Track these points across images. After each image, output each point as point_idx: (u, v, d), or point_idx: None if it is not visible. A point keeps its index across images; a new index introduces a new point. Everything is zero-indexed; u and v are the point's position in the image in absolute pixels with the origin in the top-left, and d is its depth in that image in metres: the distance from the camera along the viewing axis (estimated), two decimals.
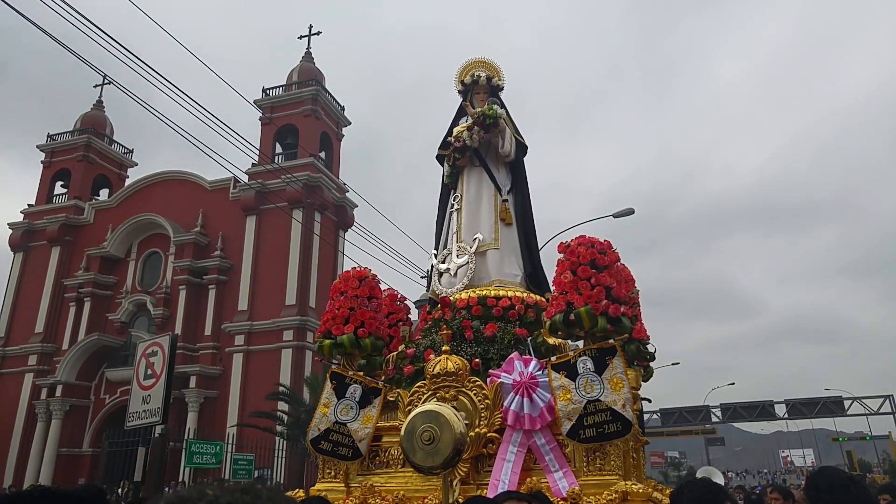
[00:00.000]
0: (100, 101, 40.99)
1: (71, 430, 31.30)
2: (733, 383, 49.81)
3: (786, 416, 39.78)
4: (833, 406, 38.55)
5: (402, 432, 3.12)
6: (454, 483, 4.17)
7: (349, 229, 34.57)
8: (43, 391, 32.12)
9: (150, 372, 10.71)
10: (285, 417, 23.97)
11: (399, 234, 21.04)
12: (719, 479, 17.23)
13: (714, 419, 40.98)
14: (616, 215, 21.25)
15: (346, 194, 36.34)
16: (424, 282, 28.66)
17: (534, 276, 6.34)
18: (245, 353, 31.29)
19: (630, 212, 21.43)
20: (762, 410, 39.63)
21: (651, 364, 5.54)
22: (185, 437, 18.90)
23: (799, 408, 38.92)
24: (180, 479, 22.09)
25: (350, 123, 40.15)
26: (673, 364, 42.45)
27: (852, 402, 38.37)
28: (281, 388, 25.97)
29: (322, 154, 36.61)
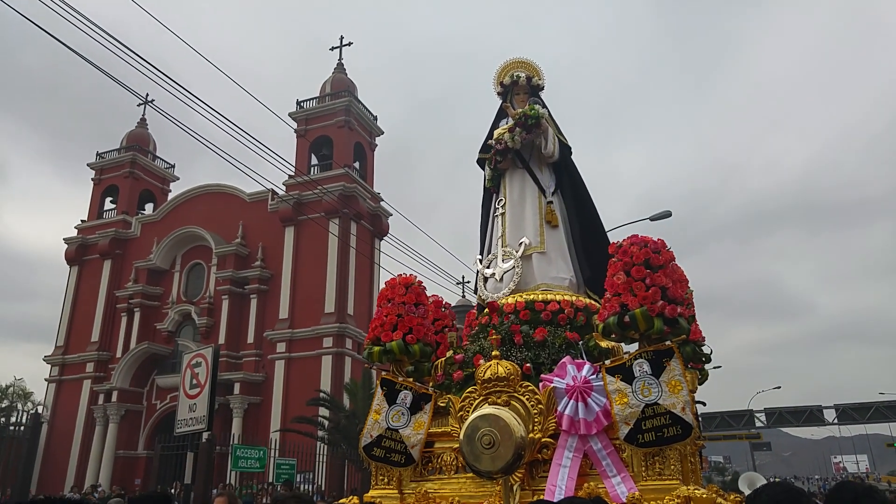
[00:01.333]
0: (143, 119, 42.72)
1: (126, 433, 33.01)
2: (779, 387, 48.39)
3: (835, 421, 38.69)
4: (887, 411, 37.36)
5: (462, 437, 3.08)
6: (514, 488, 4.11)
7: (384, 238, 35.07)
8: (100, 397, 33.91)
9: (195, 382, 11.18)
10: (326, 423, 24.24)
11: (433, 241, 21.18)
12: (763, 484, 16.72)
13: (758, 424, 40.06)
14: (653, 218, 20.99)
15: (381, 203, 36.71)
16: (459, 288, 28.81)
17: (593, 279, 6.19)
18: (286, 360, 32.16)
19: (667, 214, 21.14)
20: (809, 415, 38.66)
21: (706, 366, 5.41)
22: (231, 443, 19.35)
23: (850, 413, 37.84)
24: (227, 482, 22.64)
25: (383, 133, 40.62)
26: (715, 367, 41.51)
27: None
28: (321, 394, 26.37)
29: (356, 164, 37.17)
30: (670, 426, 3.98)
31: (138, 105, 41.71)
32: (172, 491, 20.65)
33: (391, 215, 36.49)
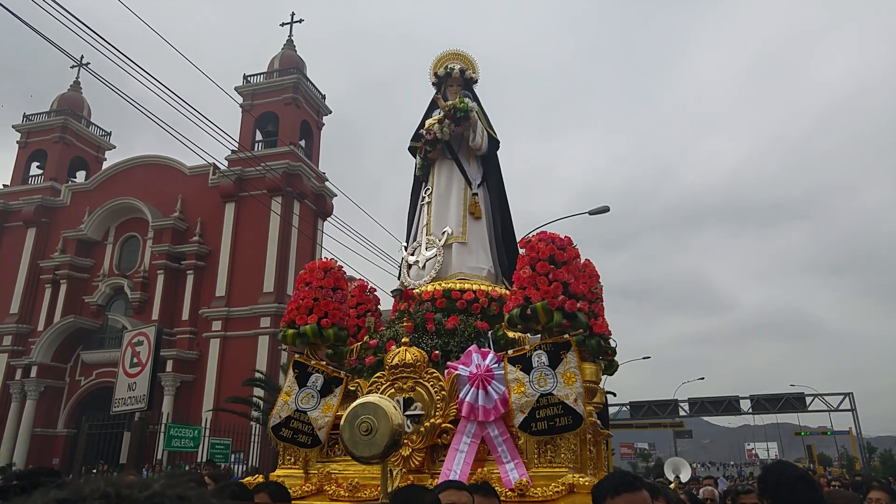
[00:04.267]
0: (77, 83, 40.50)
1: (46, 411, 31.46)
2: (703, 378, 50.70)
3: (750, 410, 40.80)
4: (795, 402, 39.81)
5: (343, 422, 3.21)
6: (395, 472, 4.29)
7: (328, 218, 34.68)
8: (17, 371, 32.12)
9: (135, 360, 11.15)
10: (261, 403, 24.02)
11: (376, 223, 21.16)
12: (686, 471, 17.49)
13: (682, 413, 41.91)
14: (592, 212, 21.48)
15: (325, 183, 36.23)
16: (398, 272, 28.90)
17: (510, 269, 6.40)
18: (222, 338, 31.51)
19: (605, 209, 21.66)
20: (728, 405, 40.74)
21: (615, 358, 5.65)
22: (162, 421, 19.04)
23: (763, 403, 40.04)
24: (156, 461, 22.25)
25: (331, 112, 39.99)
26: (644, 358, 43.04)
27: (814, 399, 39.58)
28: (257, 374, 26.05)
29: (302, 142, 36.52)
30: (562, 416, 4.19)
31: (72, 67, 39.85)
32: (95, 472, 20.15)
33: (336, 196, 36.00)
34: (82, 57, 27.83)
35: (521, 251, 4.84)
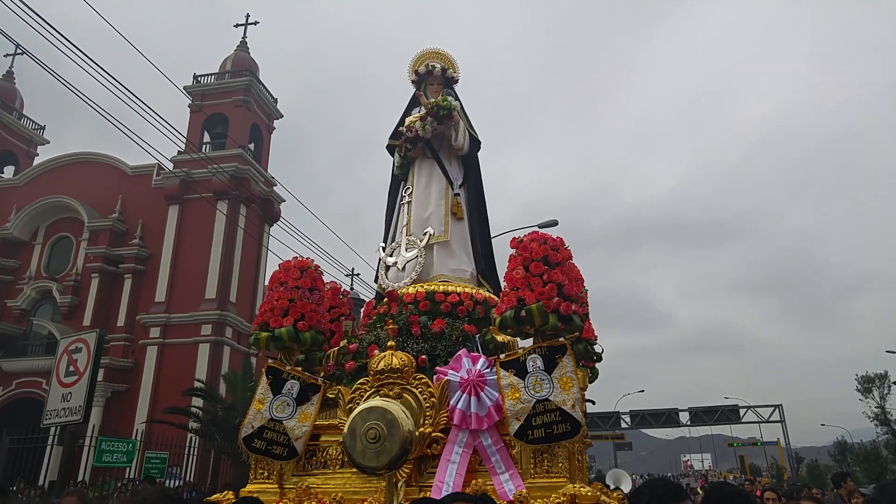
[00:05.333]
0: (10, 72, 38.58)
1: None
2: (643, 390, 51.85)
3: (688, 423, 41.94)
4: (730, 414, 41.21)
5: (346, 430, 2.91)
6: (399, 485, 3.98)
7: (275, 224, 33.98)
8: None
9: (72, 369, 10.52)
10: (200, 414, 23.08)
11: (324, 230, 20.76)
12: (627, 482, 17.76)
13: (623, 425, 42.67)
14: (541, 226, 21.81)
15: (274, 188, 35.48)
16: (349, 280, 28.48)
17: (487, 272, 6.23)
18: (160, 346, 30.18)
19: (554, 223, 22.25)
20: (668, 418, 41.77)
21: (603, 368, 5.52)
22: (90, 434, 17.95)
23: (700, 415, 41.25)
24: (80, 479, 20.82)
25: (282, 116, 39.34)
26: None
27: (747, 411, 41.13)
28: (197, 384, 25.04)
29: (251, 146, 35.71)
30: (560, 423, 3.99)
31: (5, 56, 38.02)
32: (13, 489, 18.71)
33: (284, 201, 35.35)
34: (17, 45, 26.39)
35: (513, 251, 4.65)
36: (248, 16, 38.16)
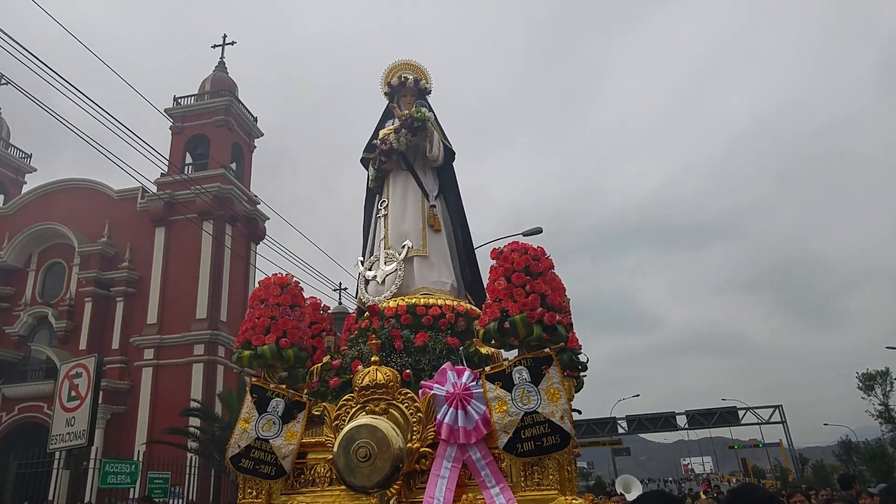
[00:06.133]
0: None
1: None
2: (638, 395, 51.85)
3: (686, 426, 41.70)
4: (729, 416, 40.88)
5: (336, 448, 2.86)
6: (390, 501, 3.92)
7: (261, 242, 34.06)
8: None
9: (73, 394, 10.77)
10: (198, 433, 23.03)
11: (309, 246, 20.77)
12: (637, 488, 17.65)
13: (620, 430, 42.48)
14: (525, 234, 21.86)
15: (258, 206, 35.50)
16: (336, 295, 28.47)
17: (472, 284, 6.19)
18: (154, 367, 30.29)
19: (539, 231, 22.23)
20: (665, 421, 41.51)
21: (582, 375, 5.48)
22: (93, 456, 17.98)
23: (698, 418, 40.97)
24: (87, 500, 20.89)
25: (262, 135, 39.50)
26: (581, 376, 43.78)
27: (746, 413, 40.86)
28: (194, 404, 25.01)
29: (233, 165, 35.81)
30: (549, 435, 3.95)
31: None
32: None
33: (268, 219, 35.41)
34: (1, 76, 26.38)
35: (493, 262, 4.62)
36: (224, 36, 38.57)
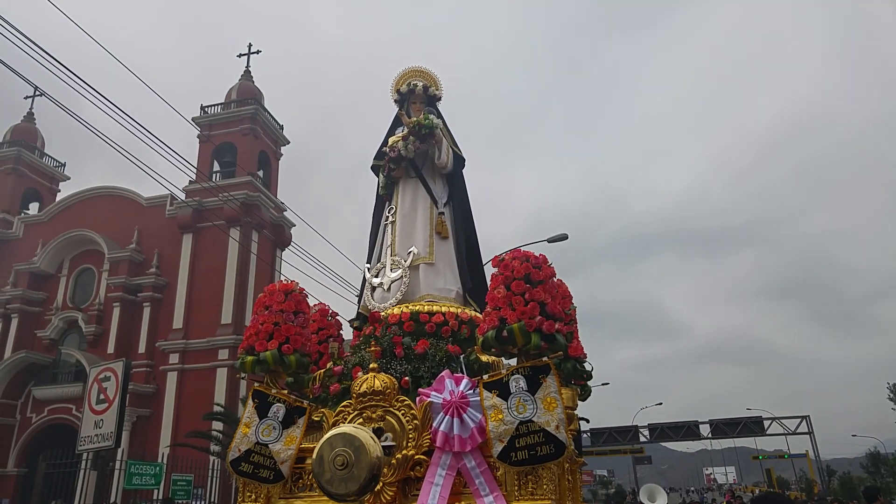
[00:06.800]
0: (31, 113, 39.95)
1: None
2: (661, 403, 51.04)
3: (709, 435, 40.99)
4: (753, 426, 40.14)
5: (314, 456, 2.87)
6: None
7: (286, 248, 34.42)
8: None
9: (102, 397, 11.10)
10: (221, 437, 23.32)
11: (331, 252, 20.91)
12: (662, 497, 17.38)
13: (642, 439, 41.93)
14: (550, 240, 21.63)
15: (284, 213, 35.90)
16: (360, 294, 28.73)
17: (476, 291, 6.16)
18: (180, 371, 30.66)
19: (564, 237, 21.92)
20: (688, 430, 40.88)
21: (588, 383, 5.43)
22: (119, 458, 18.34)
23: (722, 428, 40.30)
24: (112, 501, 21.32)
25: (289, 143, 39.91)
26: (603, 384, 43.45)
27: (771, 422, 40.05)
28: (217, 408, 25.34)
29: (260, 173, 36.24)
30: (544, 444, 3.91)
31: (25, 98, 39.35)
32: None
33: (294, 225, 35.72)
34: (36, 88, 27.12)
35: (494, 270, 4.61)
36: (250, 45, 38.91)
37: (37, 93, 32.20)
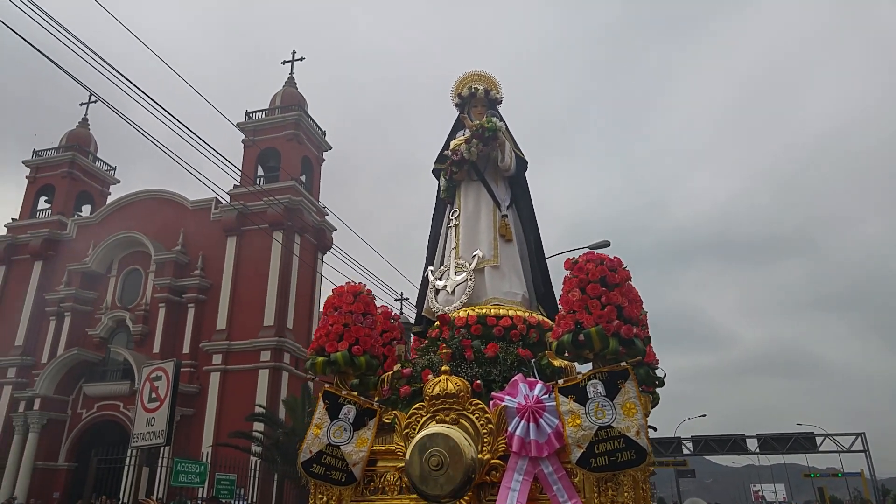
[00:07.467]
0: (85, 119, 41.45)
1: (47, 443, 31.07)
2: (704, 415, 49.76)
3: (757, 450, 39.76)
4: (805, 442, 38.66)
5: (408, 457, 2.84)
6: None
7: (328, 252, 34.82)
8: (21, 404, 31.92)
9: (153, 396, 11.41)
10: (262, 438, 23.62)
11: (371, 255, 21.05)
12: None
13: (685, 451, 40.91)
14: (592, 247, 21.40)
15: (326, 217, 36.31)
16: (397, 304, 28.76)
17: (545, 295, 6.10)
18: (222, 372, 31.15)
19: (606, 244, 21.75)
20: (734, 444, 39.66)
21: (662, 390, 5.33)
22: (163, 456, 18.72)
23: (771, 443, 38.96)
24: (157, 497, 21.83)
25: (331, 148, 40.42)
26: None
27: (824, 439, 38.50)
28: (258, 409, 25.68)
29: (303, 177, 36.74)
30: (624, 450, 3.85)
31: (80, 104, 40.79)
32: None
33: (336, 229, 36.10)
34: (90, 96, 28.10)
35: (567, 273, 4.54)
36: (293, 52, 39.70)
37: (91, 99, 33.34)
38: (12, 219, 38.19)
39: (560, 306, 4.50)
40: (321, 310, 5.34)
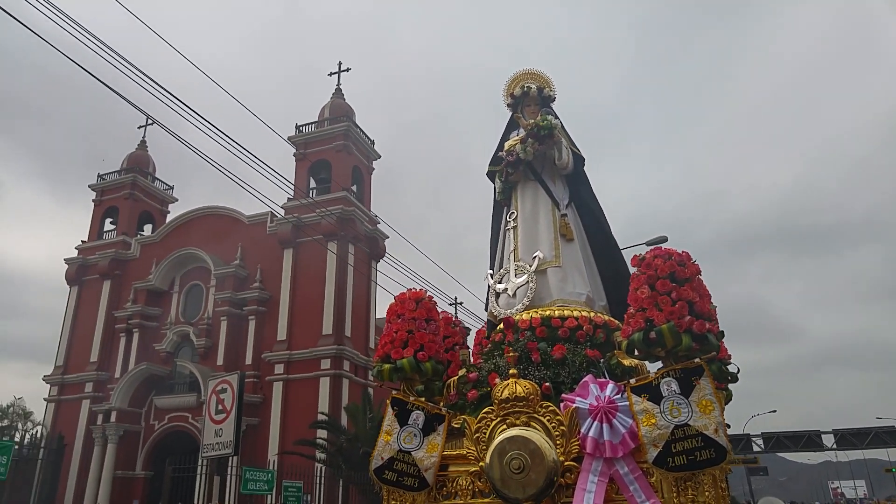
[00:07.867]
0: (143, 142, 43.16)
1: (125, 453, 32.64)
2: (774, 411, 48.08)
3: (834, 446, 38.14)
4: (886, 436, 36.89)
5: (488, 460, 2.82)
6: None
7: (381, 259, 35.16)
8: (99, 417, 33.59)
9: (220, 407, 11.79)
10: (326, 445, 24.02)
11: (422, 261, 21.08)
12: None
13: (756, 448, 39.54)
14: (649, 243, 20.97)
15: (377, 226, 36.69)
16: (451, 309, 28.71)
17: (615, 295, 5.91)
18: (284, 381, 31.85)
19: (664, 239, 21.34)
20: (808, 440, 38.11)
21: (729, 387, 5.16)
22: (231, 465, 19.22)
23: (849, 438, 37.30)
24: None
25: (380, 157, 40.74)
26: None
27: None
28: (322, 416, 26.10)
29: (354, 187, 37.22)
30: (703, 449, 3.74)
31: (139, 127, 42.42)
32: None
33: (388, 237, 36.44)
34: (147, 119, 29.13)
35: (634, 269, 4.45)
36: (340, 63, 40.07)
37: (148, 122, 34.61)
38: (82, 241, 40.02)
39: (629, 304, 4.40)
40: (378, 317, 5.37)
